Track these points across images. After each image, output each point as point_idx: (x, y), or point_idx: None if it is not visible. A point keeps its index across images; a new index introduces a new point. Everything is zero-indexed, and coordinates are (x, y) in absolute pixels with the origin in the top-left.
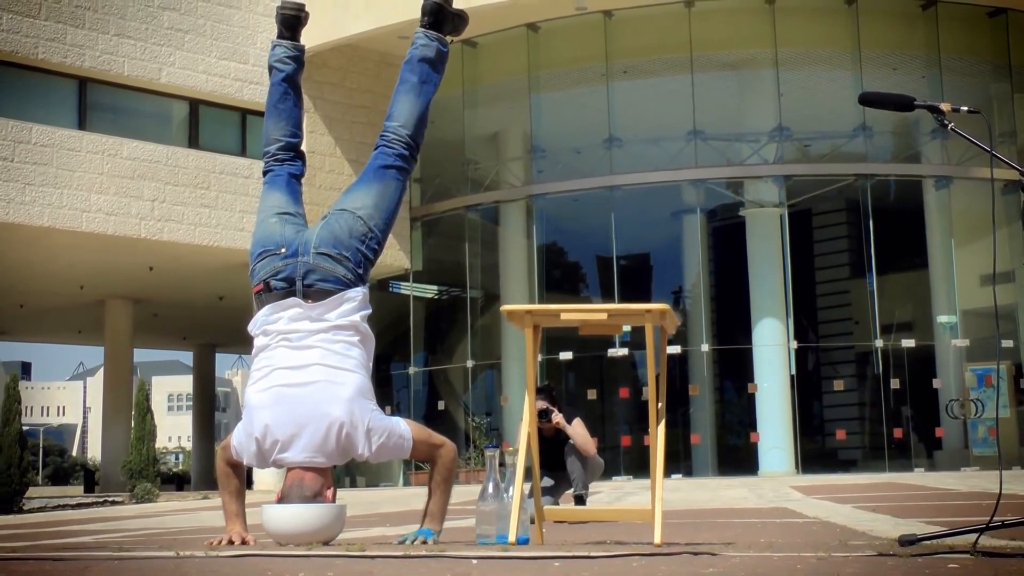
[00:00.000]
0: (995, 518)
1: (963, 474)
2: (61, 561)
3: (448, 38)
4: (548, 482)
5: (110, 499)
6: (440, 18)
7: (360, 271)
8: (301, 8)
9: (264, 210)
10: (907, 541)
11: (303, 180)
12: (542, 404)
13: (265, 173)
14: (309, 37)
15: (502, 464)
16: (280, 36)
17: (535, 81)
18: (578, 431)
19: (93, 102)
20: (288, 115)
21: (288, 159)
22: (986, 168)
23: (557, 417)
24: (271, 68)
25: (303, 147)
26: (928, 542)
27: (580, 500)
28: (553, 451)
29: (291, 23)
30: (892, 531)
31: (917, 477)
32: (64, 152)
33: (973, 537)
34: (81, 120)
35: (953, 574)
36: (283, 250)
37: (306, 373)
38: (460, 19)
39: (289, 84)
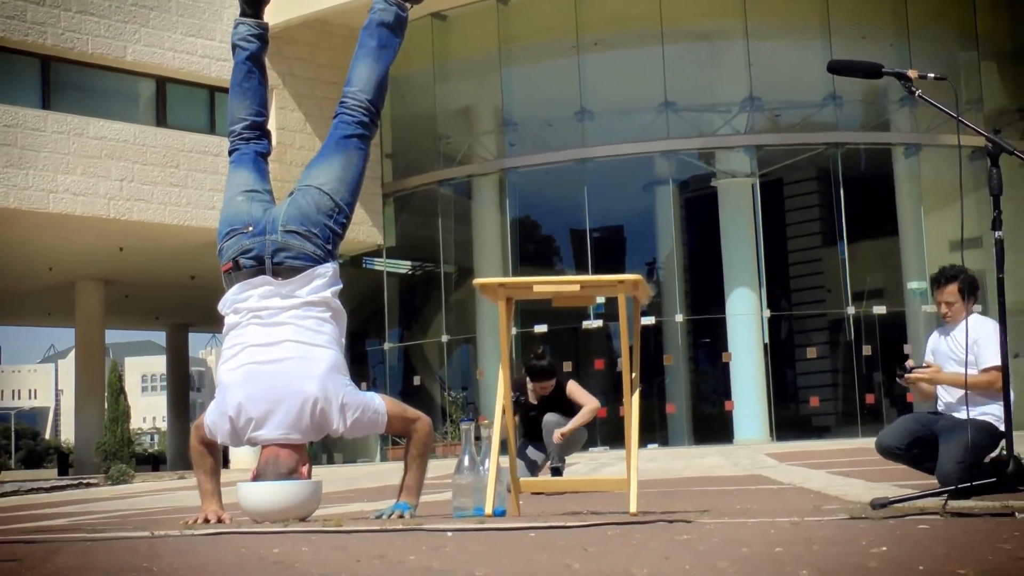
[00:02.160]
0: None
1: None
2: (33, 543)
3: (408, 3)
4: (537, 455)
5: (85, 481)
6: None
7: (329, 247)
8: None
9: (231, 189)
10: (879, 504)
11: (270, 158)
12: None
13: (231, 152)
14: (277, 12)
15: (478, 437)
16: (243, 14)
17: (506, 54)
18: (584, 407)
19: (57, 81)
20: (253, 94)
21: (254, 138)
22: (954, 135)
23: (565, 431)
24: (234, 47)
25: (269, 125)
26: (899, 505)
27: (556, 472)
28: (549, 412)
29: (254, 1)
30: (865, 495)
31: None
32: (29, 132)
33: (943, 499)
34: (45, 99)
35: (923, 535)
36: (251, 228)
37: (278, 350)
38: None
39: (253, 63)
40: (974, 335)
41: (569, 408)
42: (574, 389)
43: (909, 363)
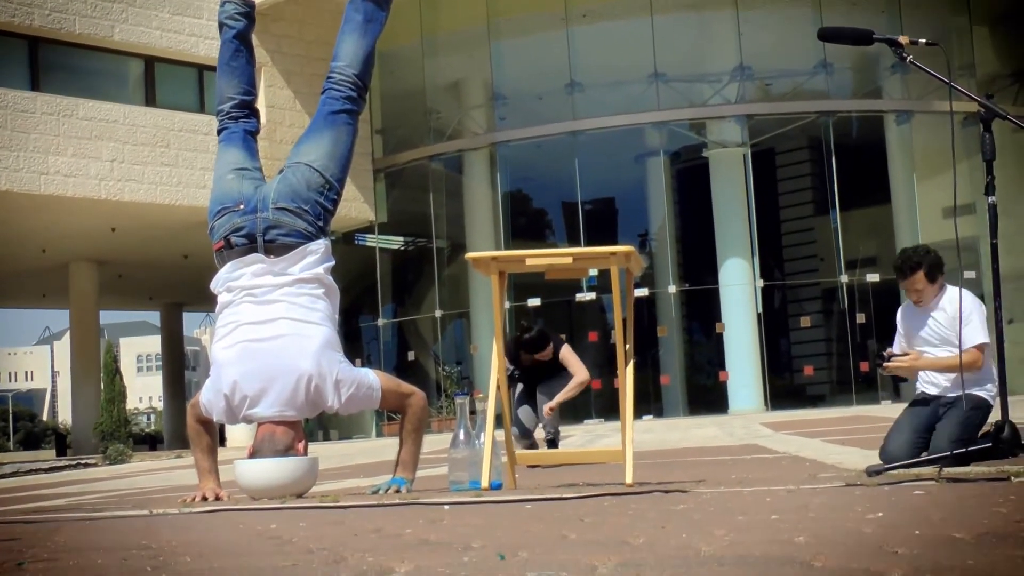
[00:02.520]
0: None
1: None
2: (31, 523)
3: None
4: (531, 419)
5: (83, 462)
6: None
7: (320, 223)
8: None
9: (221, 167)
10: (874, 471)
11: (260, 135)
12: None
13: (220, 131)
14: None
15: (473, 412)
16: None
17: (494, 28)
18: (575, 374)
19: (45, 62)
20: (241, 72)
21: (242, 116)
22: (946, 101)
23: (552, 404)
24: (221, 25)
25: (258, 103)
26: (894, 472)
27: (552, 444)
28: (537, 376)
29: None
30: (860, 463)
31: (884, 409)
32: (18, 114)
33: (938, 466)
34: (34, 81)
35: (919, 501)
36: (242, 206)
37: (272, 327)
38: None
39: (240, 41)
40: (953, 313)
41: (562, 370)
42: (567, 355)
43: (888, 351)
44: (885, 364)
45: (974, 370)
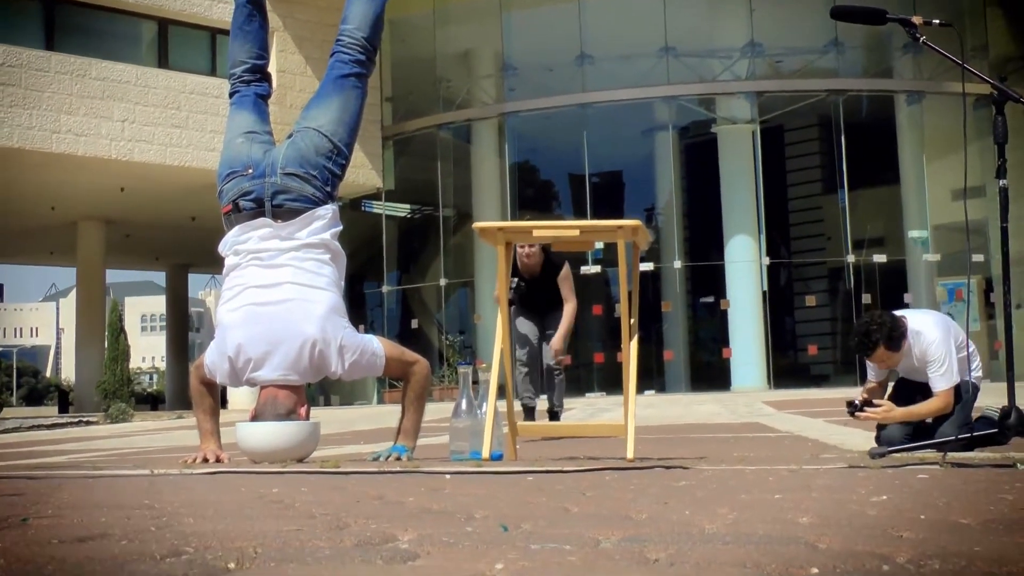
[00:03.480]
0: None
1: None
2: (34, 480)
3: None
4: (530, 328)
5: (84, 419)
6: None
7: (328, 189)
8: None
9: (231, 131)
10: (877, 453)
11: (270, 100)
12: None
13: (232, 95)
14: None
15: (475, 381)
16: None
17: None
18: (567, 305)
19: (60, 22)
20: (254, 37)
21: (254, 80)
22: (958, 82)
23: (557, 347)
24: None
25: (269, 68)
26: (898, 455)
27: (554, 416)
28: (538, 294)
29: None
30: (863, 444)
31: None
32: (32, 73)
33: (942, 450)
34: (48, 40)
35: (922, 485)
36: (250, 171)
37: (278, 291)
38: None
39: (254, 5)
40: (921, 357)
41: (557, 295)
42: (564, 279)
43: (859, 399)
44: (857, 414)
45: (945, 412)
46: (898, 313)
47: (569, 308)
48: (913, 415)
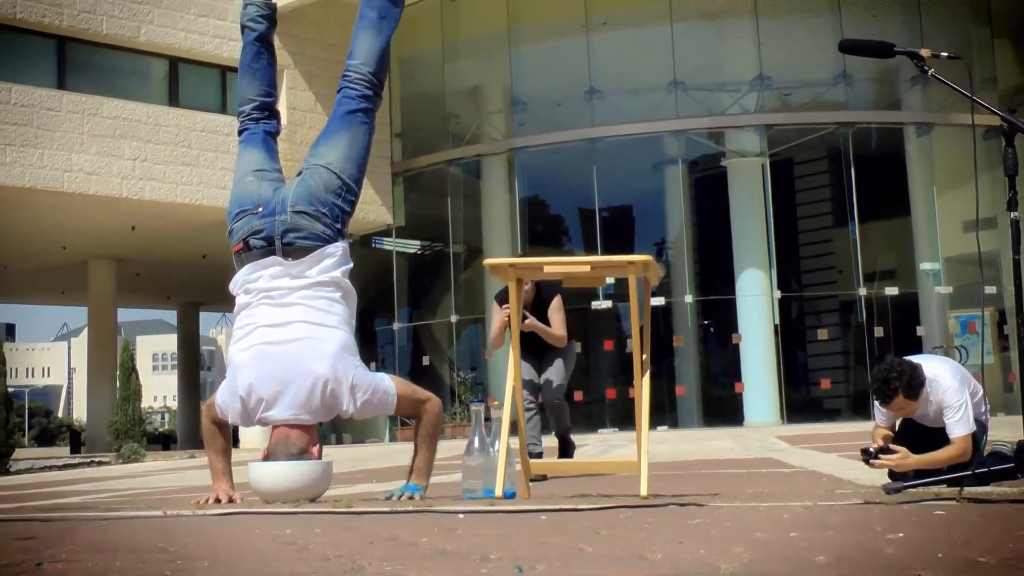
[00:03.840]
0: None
1: None
2: (48, 522)
3: None
4: (531, 372)
5: (97, 460)
6: None
7: (338, 226)
8: None
9: (241, 168)
10: (893, 489)
11: (280, 137)
12: (526, 284)
13: (240, 132)
14: None
15: (488, 419)
16: None
17: (515, 34)
18: (554, 322)
19: (72, 61)
20: (262, 74)
21: (263, 118)
22: (967, 114)
23: (531, 320)
24: (243, 27)
25: (279, 105)
26: (914, 489)
27: (563, 441)
28: (536, 336)
29: None
30: (877, 479)
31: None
32: (44, 112)
33: (959, 485)
34: (60, 79)
35: (939, 521)
36: (260, 209)
37: (289, 330)
38: None
39: (262, 43)
40: (938, 405)
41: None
42: (555, 311)
43: (874, 447)
44: (873, 461)
45: (962, 460)
46: (914, 359)
47: (557, 331)
48: (929, 463)
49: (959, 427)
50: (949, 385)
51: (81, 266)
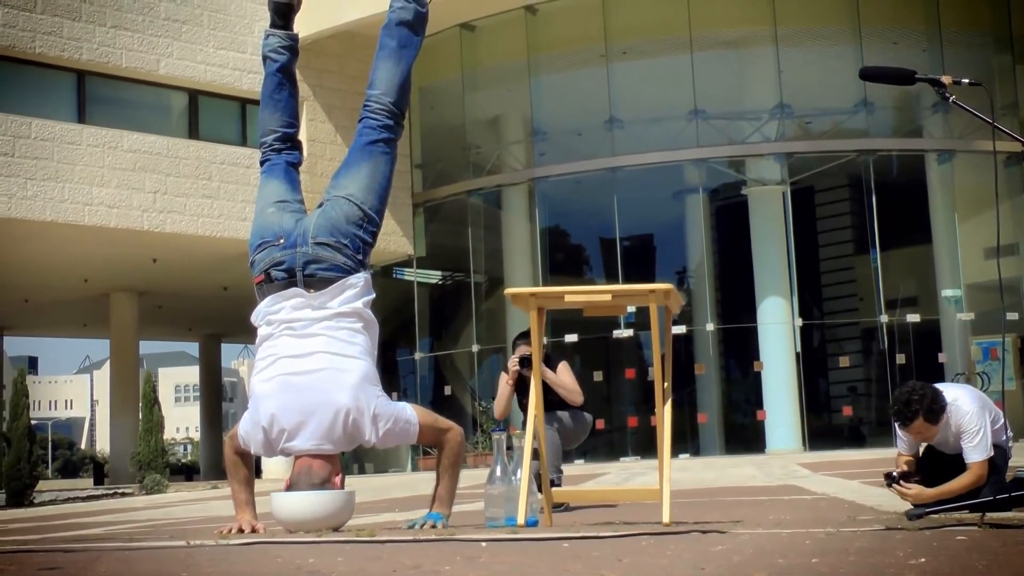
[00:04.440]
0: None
1: None
2: (72, 552)
3: None
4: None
5: (120, 491)
6: None
7: (360, 257)
8: None
9: (262, 200)
10: (915, 515)
11: (300, 168)
12: (526, 350)
13: (262, 163)
14: (307, 24)
15: (509, 447)
16: (273, 25)
17: (535, 64)
18: (564, 379)
19: (92, 95)
20: (284, 105)
21: (285, 149)
22: (988, 141)
23: (548, 373)
24: (265, 58)
25: (300, 136)
26: (935, 516)
27: (553, 485)
28: (548, 395)
29: (283, 11)
30: (900, 506)
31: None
32: (64, 146)
33: (980, 511)
34: (80, 113)
35: (961, 547)
36: (282, 240)
37: (311, 361)
38: None
39: (284, 74)
40: (956, 429)
41: (555, 405)
42: (563, 372)
43: (896, 471)
44: (894, 486)
45: (978, 486)
46: (936, 385)
47: (566, 389)
48: (946, 493)
49: (976, 452)
50: (969, 410)
51: (103, 299)
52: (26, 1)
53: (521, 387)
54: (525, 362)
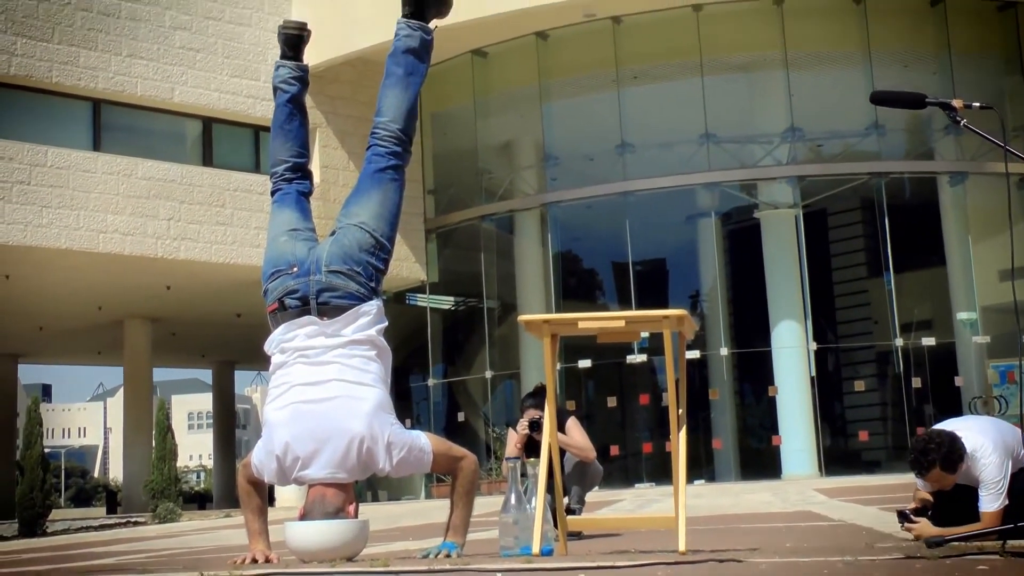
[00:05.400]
0: None
1: None
2: None
3: (433, 24)
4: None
5: (133, 519)
6: (421, 5)
7: (373, 284)
8: (303, 27)
9: (274, 228)
10: (934, 543)
11: (313, 195)
12: (535, 414)
13: (273, 193)
14: (319, 52)
15: (523, 475)
16: (283, 56)
17: (546, 89)
18: (574, 438)
19: (107, 123)
20: (294, 135)
21: (296, 178)
22: (1001, 163)
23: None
24: (275, 89)
25: (312, 163)
26: (956, 543)
27: (572, 514)
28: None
29: (294, 42)
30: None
31: None
32: (80, 174)
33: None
34: (96, 141)
35: None
36: (295, 269)
37: (324, 389)
38: (443, 2)
39: (294, 105)
40: (976, 477)
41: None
42: (572, 428)
43: (909, 508)
44: (907, 524)
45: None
46: (957, 427)
47: (578, 446)
48: (951, 532)
49: (990, 503)
50: (989, 461)
51: (117, 326)
52: (43, 31)
53: (530, 447)
54: (535, 426)
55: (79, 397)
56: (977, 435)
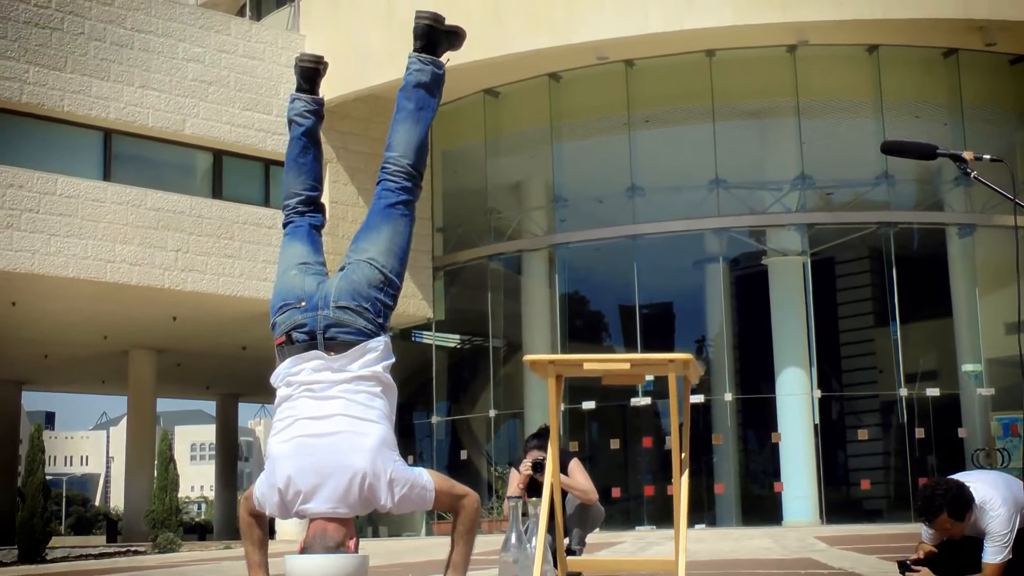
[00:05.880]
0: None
1: None
2: None
3: (445, 57)
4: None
5: (133, 549)
6: (432, 40)
7: (381, 320)
8: (319, 60)
9: (285, 261)
10: None
11: (323, 231)
12: (538, 454)
13: (285, 225)
14: (332, 88)
15: (525, 514)
16: (299, 89)
17: (557, 130)
18: (577, 480)
19: (118, 153)
20: (308, 169)
21: (308, 211)
22: (1010, 216)
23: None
24: (290, 122)
25: (323, 199)
26: None
27: (572, 555)
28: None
29: (309, 75)
30: None
31: None
32: (89, 203)
33: None
34: (106, 171)
35: None
36: (303, 303)
37: (329, 423)
38: (455, 36)
39: (308, 138)
40: (983, 530)
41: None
42: (575, 471)
43: (910, 559)
44: (908, 574)
45: None
46: (967, 479)
47: (581, 490)
48: None
49: (994, 555)
50: (998, 514)
51: (122, 355)
52: (56, 60)
53: (532, 487)
54: (538, 467)
55: (82, 425)
56: (987, 487)
